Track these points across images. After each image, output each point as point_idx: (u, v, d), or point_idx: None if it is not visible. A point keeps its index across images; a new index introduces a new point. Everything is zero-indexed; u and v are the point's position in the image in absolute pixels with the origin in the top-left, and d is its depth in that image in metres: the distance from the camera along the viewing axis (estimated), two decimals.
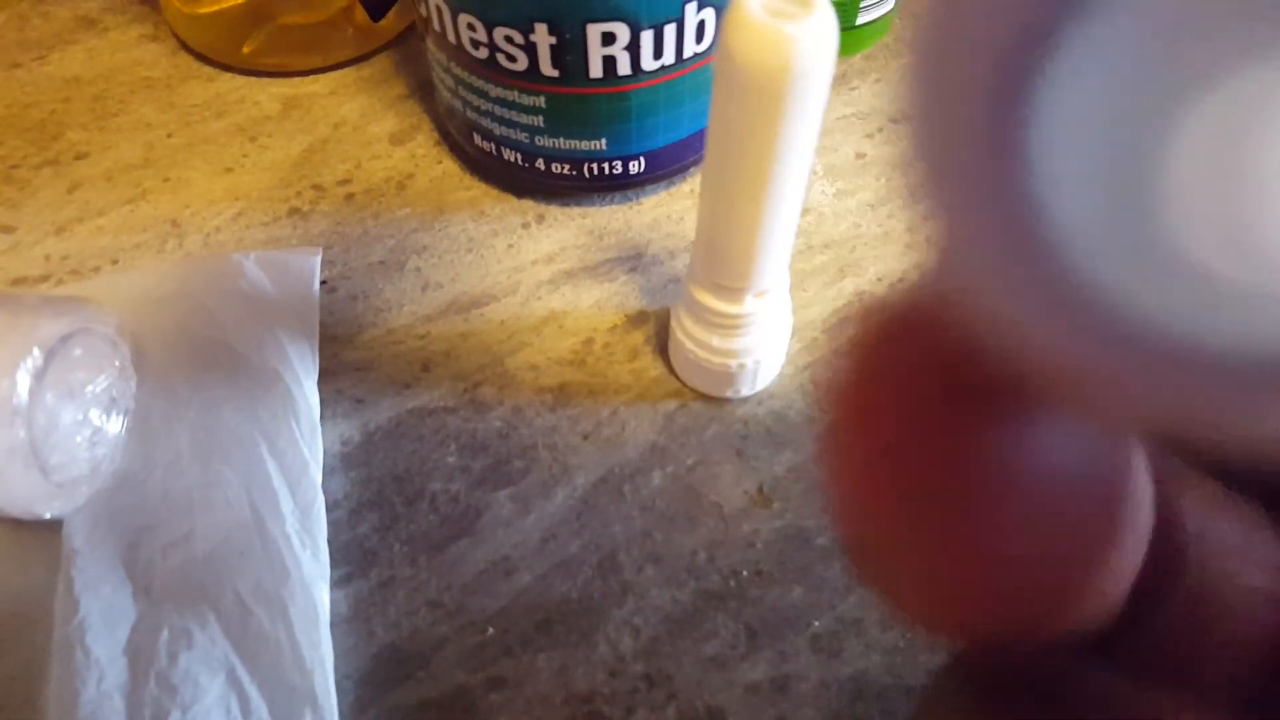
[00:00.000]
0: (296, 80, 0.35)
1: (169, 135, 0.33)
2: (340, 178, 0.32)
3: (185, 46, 0.36)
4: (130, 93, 0.35)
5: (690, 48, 0.26)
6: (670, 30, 0.25)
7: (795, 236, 0.30)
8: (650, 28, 0.25)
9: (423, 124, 0.34)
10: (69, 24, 0.37)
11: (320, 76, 0.35)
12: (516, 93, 0.27)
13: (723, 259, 0.23)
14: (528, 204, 0.32)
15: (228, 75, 0.35)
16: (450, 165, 0.32)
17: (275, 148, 0.33)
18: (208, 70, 0.35)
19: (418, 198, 0.32)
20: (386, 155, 0.33)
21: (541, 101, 0.27)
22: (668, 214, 0.31)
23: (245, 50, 0.34)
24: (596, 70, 0.26)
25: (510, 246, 0.31)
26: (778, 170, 0.20)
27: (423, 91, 0.34)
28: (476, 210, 0.31)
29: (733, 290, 0.24)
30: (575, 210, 0.31)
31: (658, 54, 0.26)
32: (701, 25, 0.26)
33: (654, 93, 0.27)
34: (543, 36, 0.25)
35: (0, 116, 0.34)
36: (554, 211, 0.31)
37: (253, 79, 0.35)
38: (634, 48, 0.25)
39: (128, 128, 0.34)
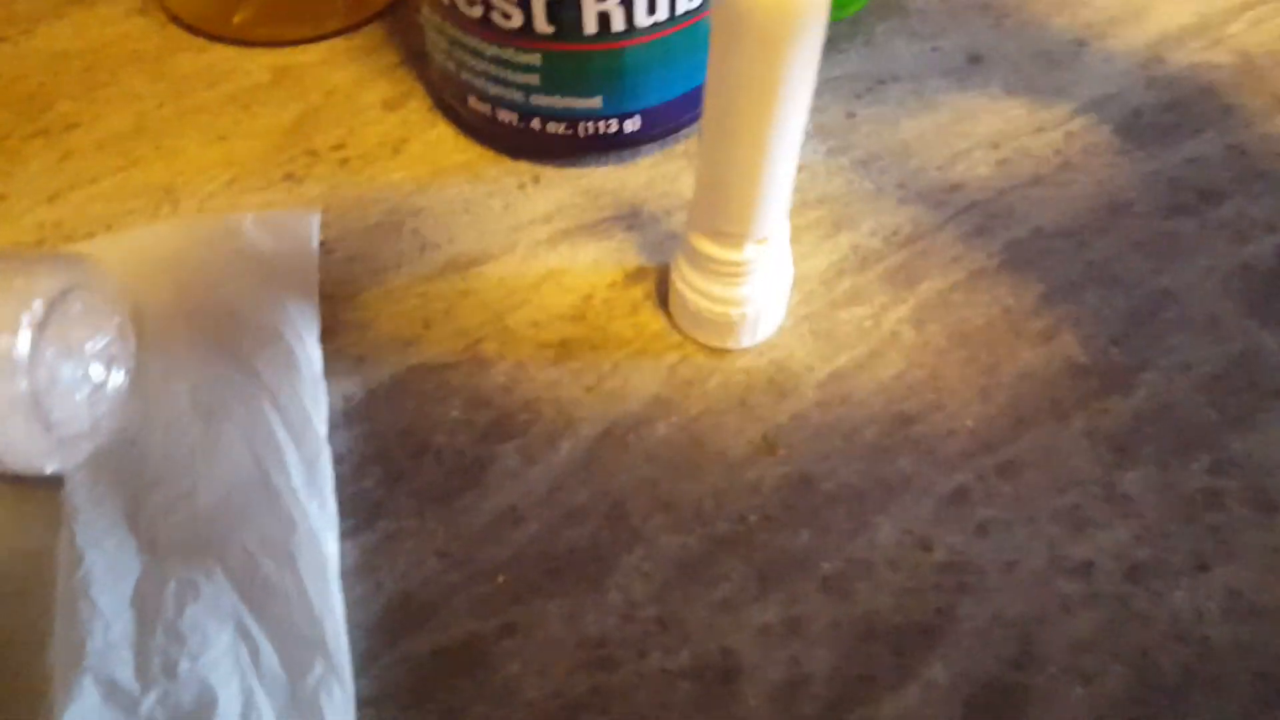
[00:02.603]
0: (287, 50, 0.35)
1: (160, 105, 0.33)
2: (334, 143, 0.32)
3: (175, 19, 0.35)
4: (120, 65, 0.34)
5: (683, 4, 0.26)
6: None
7: (792, 193, 0.30)
8: None
9: (415, 91, 0.33)
10: None
11: (311, 46, 0.35)
12: (512, 51, 0.27)
13: (724, 204, 0.23)
14: (523, 166, 0.32)
15: (219, 46, 0.35)
16: (444, 130, 0.32)
17: (267, 115, 0.33)
18: (198, 42, 0.35)
19: (412, 162, 0.32)
20: (379, 121, 0.33)
21: (537, 59, 0.27)
22: (662, 174, 0.31)
23: (235, 21, 0.34)
24: (591, 26, 0.26)
25: (507, 207, 0.31)
26: (780, 111, 0.20)
27: (414, 60, 0.34)
28: (472, 173, 0.31)
29: (733, 236, 0.24)
30: (571, 171, 0.31)
31: (651, 9, 0.26)
32: None
33: (649, 49, 0.27)
34: None
35: None
36: (549, 173, 0.31)
37: (244, 49, 0.35)
38: (628, 3, 0.26)
39: (118, 99, 0.33)
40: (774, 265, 0.25)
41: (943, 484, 0.25)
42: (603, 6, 0.25)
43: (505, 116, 0.29)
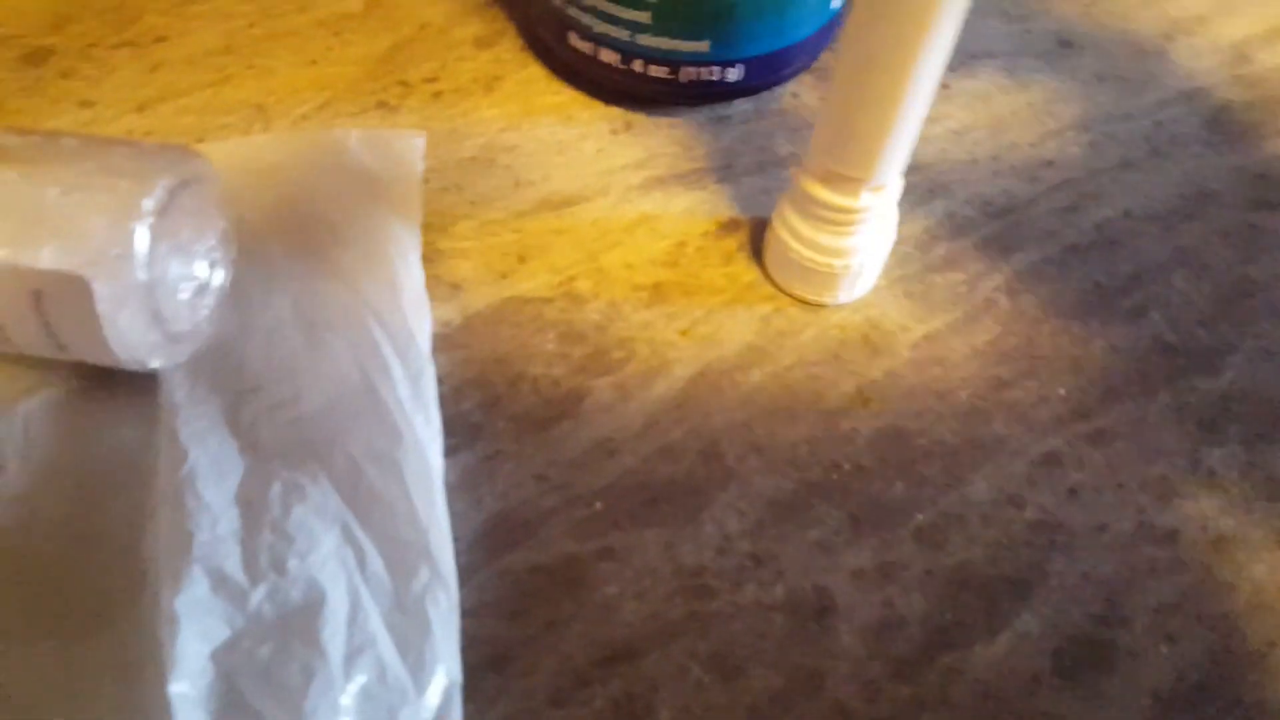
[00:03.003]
0: None
1: (250, 25, 0.33)
2: (426, 76, 0.32)
3: None
4: None
5: None
6: None
7: None
8: None
9: (507, 30, 0.33)
10: None
11: None
12: None
13: (851, 145, 0.23)
14: (615, 111, 0.31)
15: None
16: (537, 70, 0.32)
17: (359, 43, 0.32)
18: None
19: (505, 100, 0.31)
20: (472, 58, 0.32)
21: None
22: (755, 130, 0.31)
23: None
24: None
25: (600, 151, 0.30)
26: (926, 50, 0.21)
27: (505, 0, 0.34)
28: (564, 115, 0.31)
29: (852, 181, 0.24)
30: (663, 120, 0.31)
31: None
32: None
33: None
34: None
35: None
36: (642, 120, 0.31)
37: None
38: None
39: (207, 15, 0.33)
40: (883, 219, 0.25)
41: (1035, 447, 0.25)
42: None
43: (607, 56, 0.29)
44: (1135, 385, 0.27)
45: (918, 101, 0.22)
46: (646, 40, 0.28)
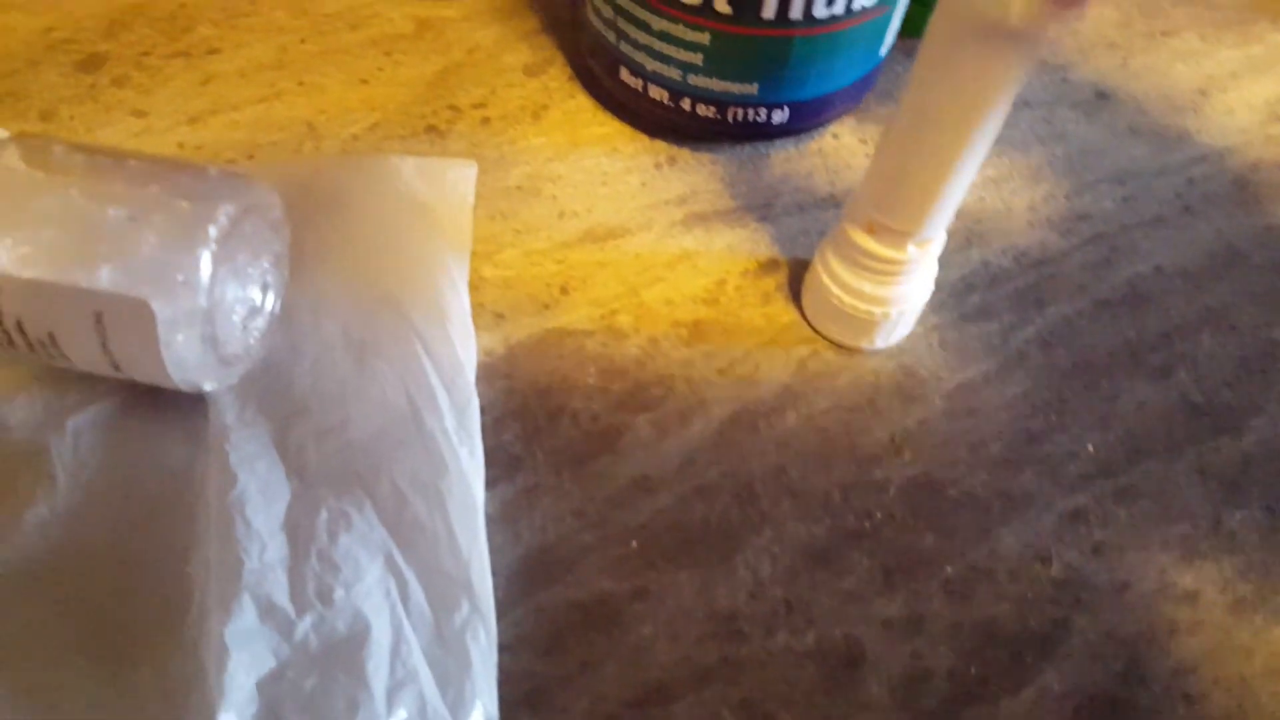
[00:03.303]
0: (429, 2, 0.35)
1: (302, 41, 0.33)
2: (475, 101, 0.32)
3: None
4: None
5: (860, 0, 0.27)
6: None
7: None
8: None
9: (556, 58, 0.34)
10: None
11: (453, 1, 0.35)
12: (682, 27, 0.27)
13: (903, 199, 0.24)
14: (660, 145, 0.32)
15: None
16: (584, 100, 0.33)
17: (410, 65, 0.33)
18: None
19: (552, 129, 0.32)
20: (520, 85, 0.33)
21: (705, 38, 0.27)
22: (796, 169, 0.32)
23: None
24: (770, 11, 0.26)
25: (643, 184, 0.31)
26: (988, 109, 0.21)
27: (554, 27, 0.35)
28: (610, 146, 0.32)
29: (899, 234, 0.24)
30: (706, 156, 0.32)
31: (831, 2, 0.26)
32: None
33: (817, 41, 0.28)
34: None
35: (129, 2, 0.34)
36: (685, 155, 0.32)
37: None
38: None
39: (260, 28, 0.33)
40: (927, 268, 0.26)
41: (1063, 503, 0.26)
42: None
43: (657, 94, 0.30)
44: (1161, 443, 0.27)
45: (974, 161, 0.22)
46: (697, 80, 0.29)
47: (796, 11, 0.26)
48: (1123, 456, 0.27)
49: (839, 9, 0.27)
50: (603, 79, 0.31)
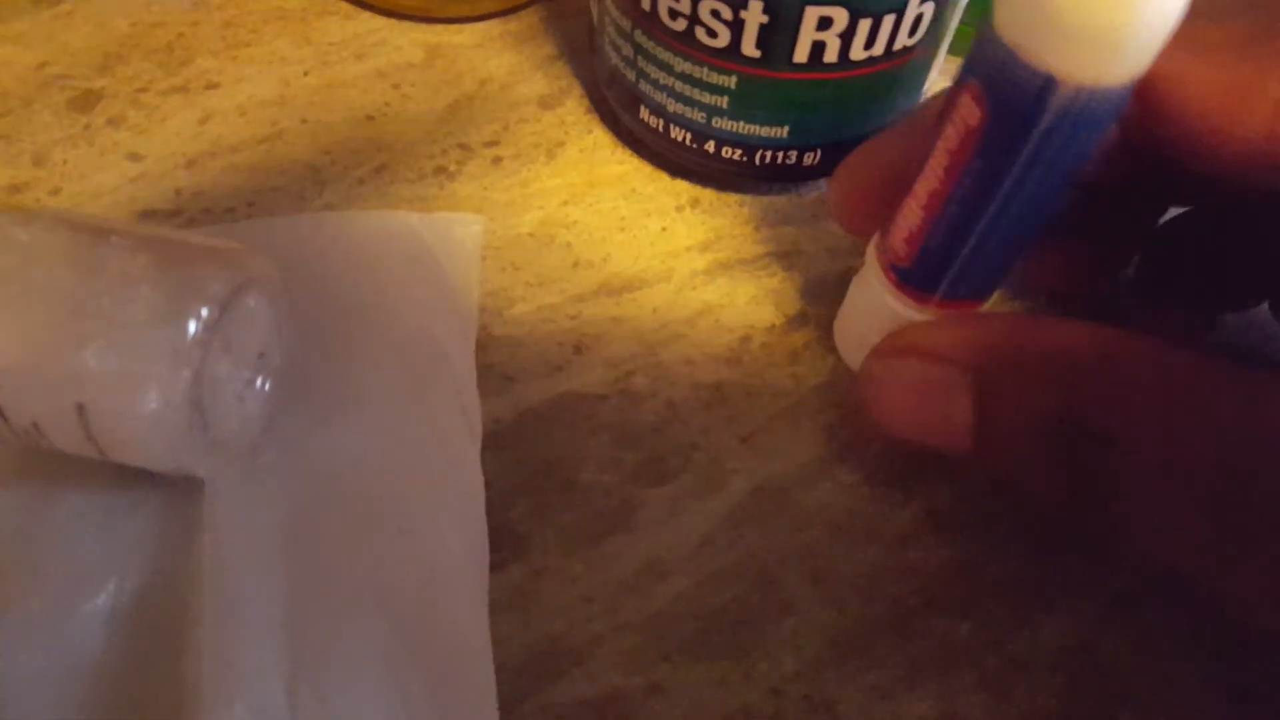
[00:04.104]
0: (439, 28, 0.33)
1: (305, 73, 0.32)
2: (487, 139, 0.31)
3: None
4: (263, 22, 0.33)
5: (902, 40, 0.25)
6: (889, 21, 0.24)
7: None
8: (870, 16, 0.24)
9: (573, 89, 0.32)
10: None
11: (465, 27, 0.33)
12: (706, 70, 0.26)
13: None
14: (681, 185, 0.30)
15: (366, 14, 0.33)
16: (601, 135, 0.31)
17: (419, 99, 0.31)
18: (345, 7, 0.34)
19: (567, 168, 0.30)
20: (535, 119, 0.31)
21: (732, 82, 0.26)
22: (828, 211, 0.30)
23: None
24: (802, 55, 0.25)
25: (664, 230, 0.29)
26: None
27: (572, 53, 0.33)
28: (628, 187, 0.30)
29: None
30: (731, 197, 0.30)
31: (869, 44, 0.24)
32: (919, 19, 0.24)
33: (852, 85, 0.26)
34: (755, 14, 0.24)
35: (125, 34, 0.32)
36: (709, 196, 0.30)
37: (393, 21, 0.33)
38: (848, 35, 0.24)
39: (261, 60, 0.32)
40: None
41: (1109, 586, 0.24)
42: (821, 36, 0.24)
43: (679, 134, 0.28)
44: None
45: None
46: (722, 124, 0.27)
47: (832, 55, 0.25)
48: None
49: (878, 50, 0.25)
50: (621, 115, 0.30)
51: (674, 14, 0.25)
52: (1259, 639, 0.23)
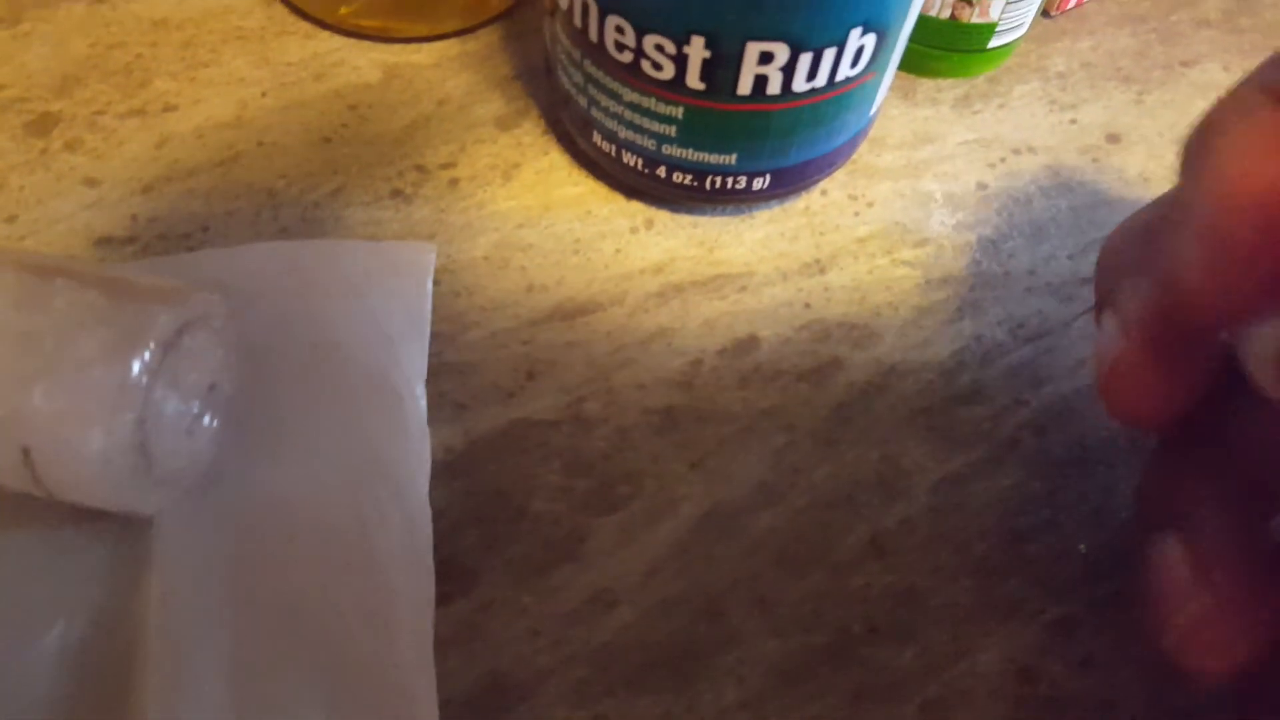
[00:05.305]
0: (398, 47, 0.33)
1: (263, 95, 0.32)
2: (444, 161, 0.31)
3: None
4: (222, 42, 0.33)
5: (844, 71, 0.25)
6: (829, 54, 0.24)
7: (914, 268, 0.29)
8: (811, 50, 0.24)
9: (530, 109, 0.32)
10: None
11: (423, 46, 0.33)
12: (654, 101, 0.26)
13: None
14: (636, 206, 0.30)
15: (325, 34, 0.33)
16: (558, 157, 0.31)
17: (376, 120, 0.31)
18: (304, 26, 0.33)
19: (523, 190, 0.30)
20: (492, 140, 0.31)
21: (679, 113, 0.26)
22: (780, 231, 0.30)
23: (343, 11, 0.32)
24: (745, 88, 0.25)
25: (618, 251, 0.29)
26: None
27: (530, 73, 0.33)
28: (583, 209, 0.30)
29: None
30: (685, 219, 0.30)
31: (811, 76, 0.25)
32: (860, 50, 0.24)
33: (798, 113, 0.26)
34: (697, 49, 0.24)
35: (84, 55, 0.32)
36: (663, 217, 0.30)
37: (352, 40, 0.33)
38: (789, 69, 0.24)
39: (219, 81, 0.32)
40: None
41: (1051, 611, 0.24)
42: (763, 70, 0.24)
43: (630, 159, 0.28)
44: None
45: None
46: (671, 150, 0.27)
47: (774, 87, 0.25)
48: (1115, 558, 0.25)
49: (820, 82, 0.25)
50: (575, 138, 0.30)
51: (620, 47, 0.25)
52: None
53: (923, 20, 0.32)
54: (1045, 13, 0.36)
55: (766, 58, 0.24)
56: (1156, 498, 0.21)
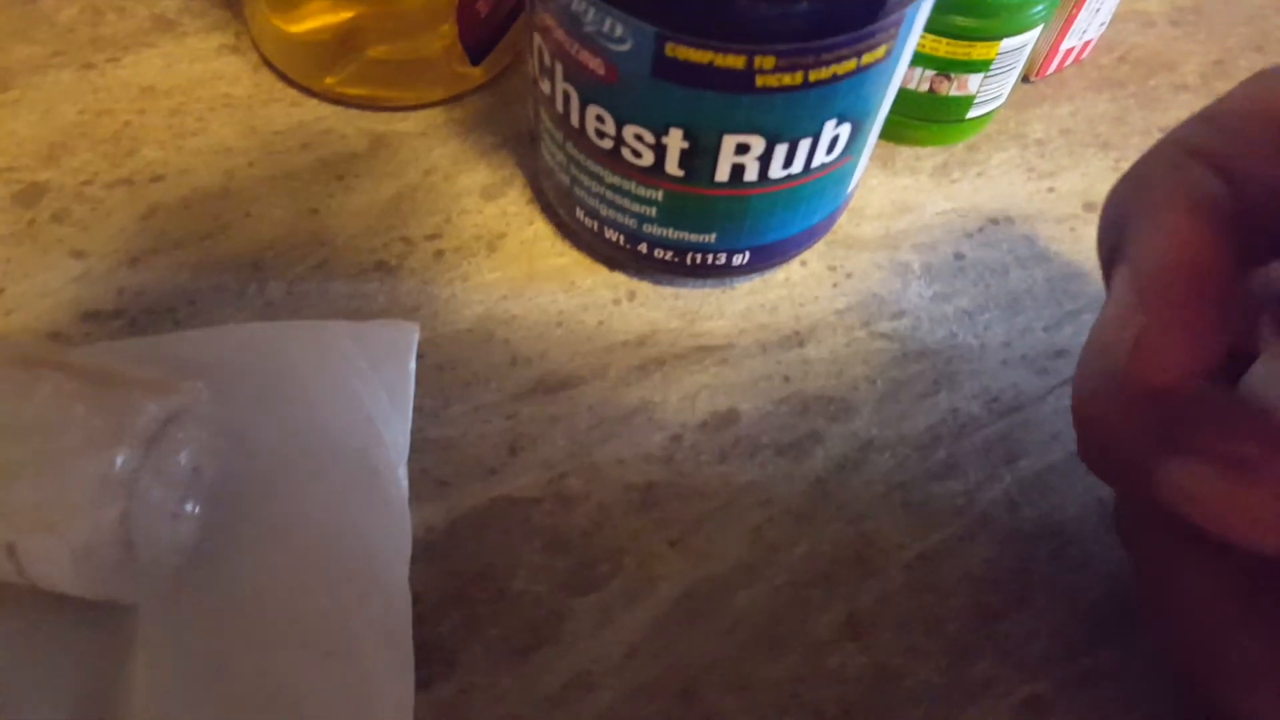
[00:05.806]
0: (385, 116, 0.33)
1: (250, 164, 0.32)
2: (429, 232, 0.31)
3: (267, 63, 0.34)
4: (210, 110, 0.33)
5: (820, 158, 0.25)
6: (805, 144, 0.25)
7: (891, 341, 0.29)
8: (787, 141, 0.24)
9: (515, 178, 0.32)
10: (145, 23, 0.35)
11: (410, 114, 0.34)
12: (634, 184, 0.26)
13: None
14: (619, 278, 0.31)
15: (312, 101, 0.34)
16: (542, 227, 0.31)
17: (363, 190, 0.32)
18: (291, 94, 0.34)
19: (508, 261, 0.31)
20: (477, 210, 0.32)
21: (659, 196, 0.26)
22: (761, 302, 0.31)
23: (328, 81, 0.33)
24: (723, 175, 0.25)
25: (600, 324, 0.30)
26: None
27: (516, 142, 0.33)
28: (567, 280, 0.31)
29: None
30: (667, 290, 0.31)
31: (787, 164, 0.25)
32: (835, 139, 0.25)
33: (774, 197, 0.26)
34: (675, 140, 0.24)
35: (72, 122, 0.33)
36: (646, 289, 0.31)
37: (339, 109, 0.34)
38: (765, 158, 0.25)
39: (207, 150, 0.32)
40: None
41: (1021, 690, 0.25)
42: (740, 159, 0.25)
43: (612, 235, 0.29)
44: (1125, 622, 0.26)
45: None
46: (652, 229, 0.28)
47: (752, 174, 0.25)
48: (1084, 636, 0.26)
49: (796, 169, 0.25)
50: (558, 211, 0.30)
51: (600, 134, 0.25)
52: None
53: (902, 93, 0.32)
54: (1025, 78, 0.37)
55: (743, 148, 0.24)
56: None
